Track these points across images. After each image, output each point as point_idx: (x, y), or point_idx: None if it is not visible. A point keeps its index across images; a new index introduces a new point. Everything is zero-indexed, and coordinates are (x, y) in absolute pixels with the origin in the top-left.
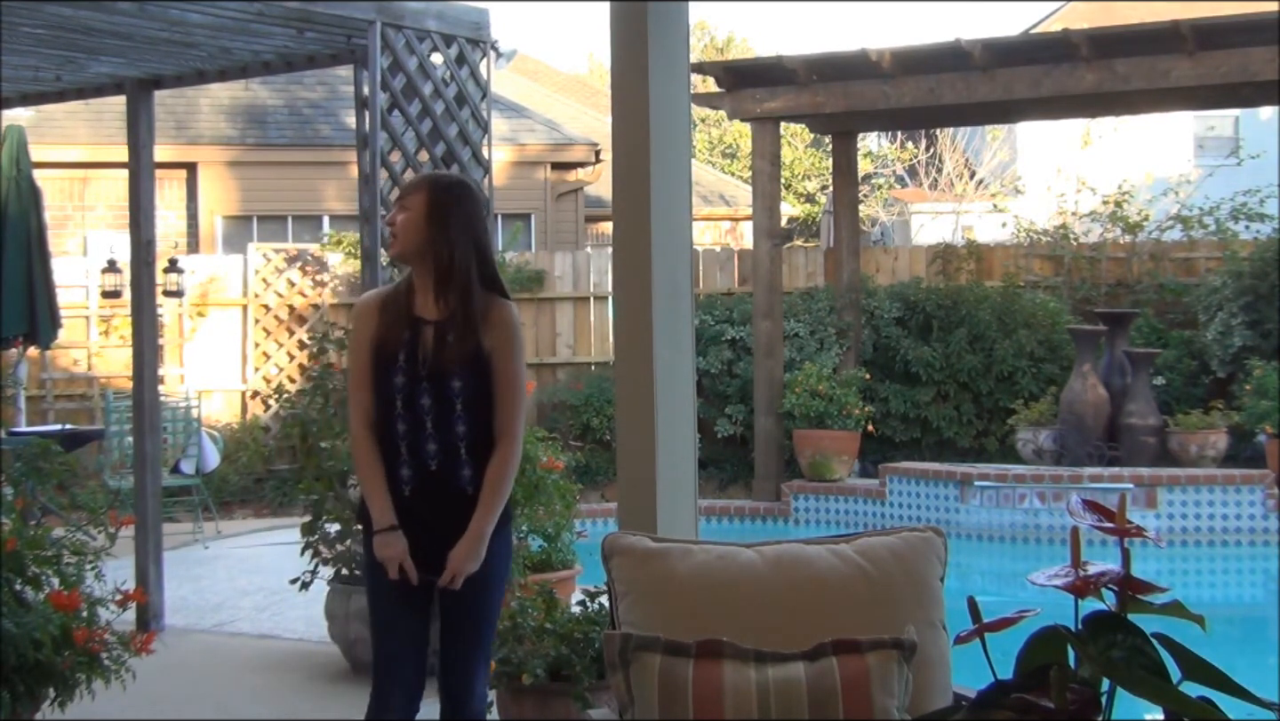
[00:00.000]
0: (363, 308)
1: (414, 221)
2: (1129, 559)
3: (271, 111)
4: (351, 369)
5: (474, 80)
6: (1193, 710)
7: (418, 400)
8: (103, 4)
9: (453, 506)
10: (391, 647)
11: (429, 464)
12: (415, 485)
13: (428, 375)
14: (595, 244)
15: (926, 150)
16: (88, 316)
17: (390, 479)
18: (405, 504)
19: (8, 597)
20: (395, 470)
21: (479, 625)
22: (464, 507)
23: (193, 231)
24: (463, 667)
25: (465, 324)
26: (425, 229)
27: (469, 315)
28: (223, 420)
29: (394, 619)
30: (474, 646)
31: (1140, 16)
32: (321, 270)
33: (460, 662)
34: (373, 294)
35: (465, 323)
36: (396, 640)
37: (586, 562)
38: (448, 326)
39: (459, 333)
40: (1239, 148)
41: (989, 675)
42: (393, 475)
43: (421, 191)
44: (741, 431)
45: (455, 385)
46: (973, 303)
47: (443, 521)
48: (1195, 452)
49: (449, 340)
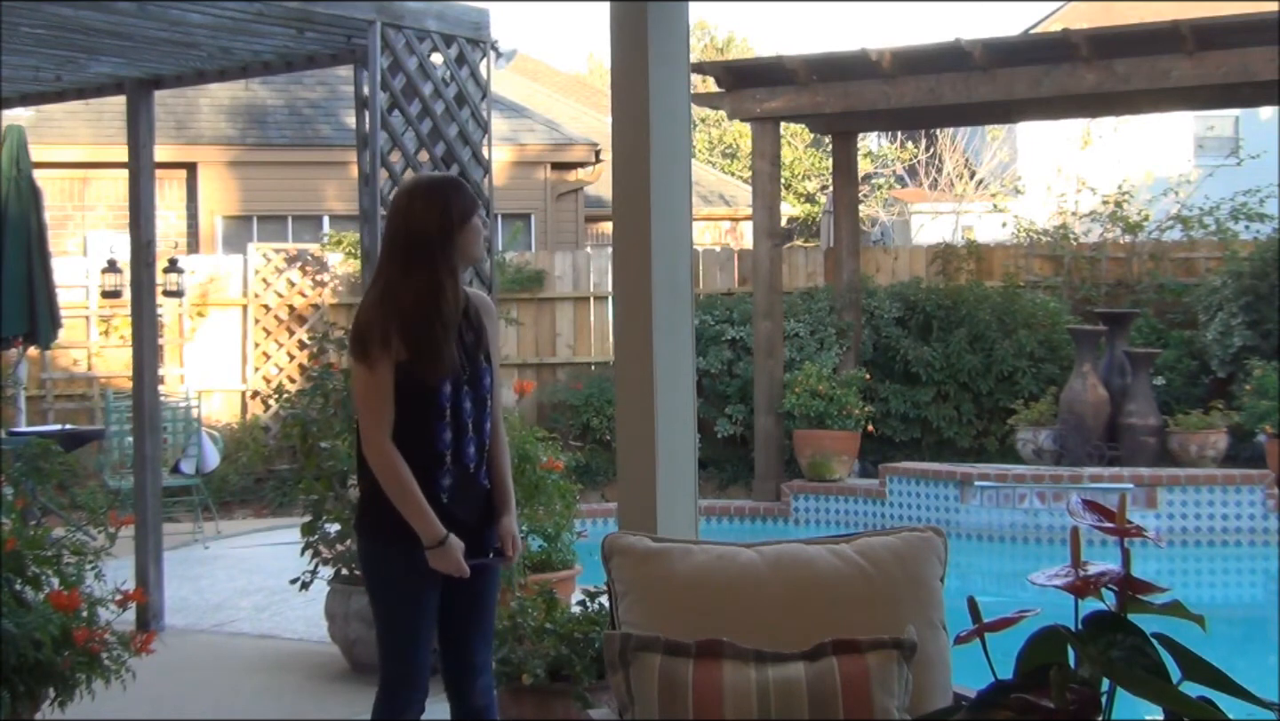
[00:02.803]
0: (372, 328)
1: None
2: (1129, 559)
3: (271, 111)
4: (377, 383)
5: (474, 80)
6: (1193, 710)
7: (462, 405)
8: (103, 4)
9: (479, 501)
10: (421, 657)
11: (469, 466)
12: (453, 490)
13: (468, 379)
14: (595, 244)
15: (926, 150)
16: (88, 316)
17: (429, 487)
18: (444, 510)
19: (8, 597)
20: (436, 479)
21: (492, 611)
22: (485, 499)
23: (193, 231)
24: (483, 659)
25: (472, 320)
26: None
27: (470, 310)
28: (223, 420)
29: (419, 626)
30: (490, 633)
31: (1140, 16)
32: (321, 270)
33: (482, 651)
34: (378, 307)
35: (471, 318)
36: (423, 649)
37: (586, 562)
38: (464, 326)
39: (475, 329)
40: (1239, 148)
41: (989, 675)
42: (433, 484)
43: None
44: (741, 431)
45: (486, 383)
46: (973, 303)
47: (471, 516)
48: (1195, 452)
49: (467, 339)
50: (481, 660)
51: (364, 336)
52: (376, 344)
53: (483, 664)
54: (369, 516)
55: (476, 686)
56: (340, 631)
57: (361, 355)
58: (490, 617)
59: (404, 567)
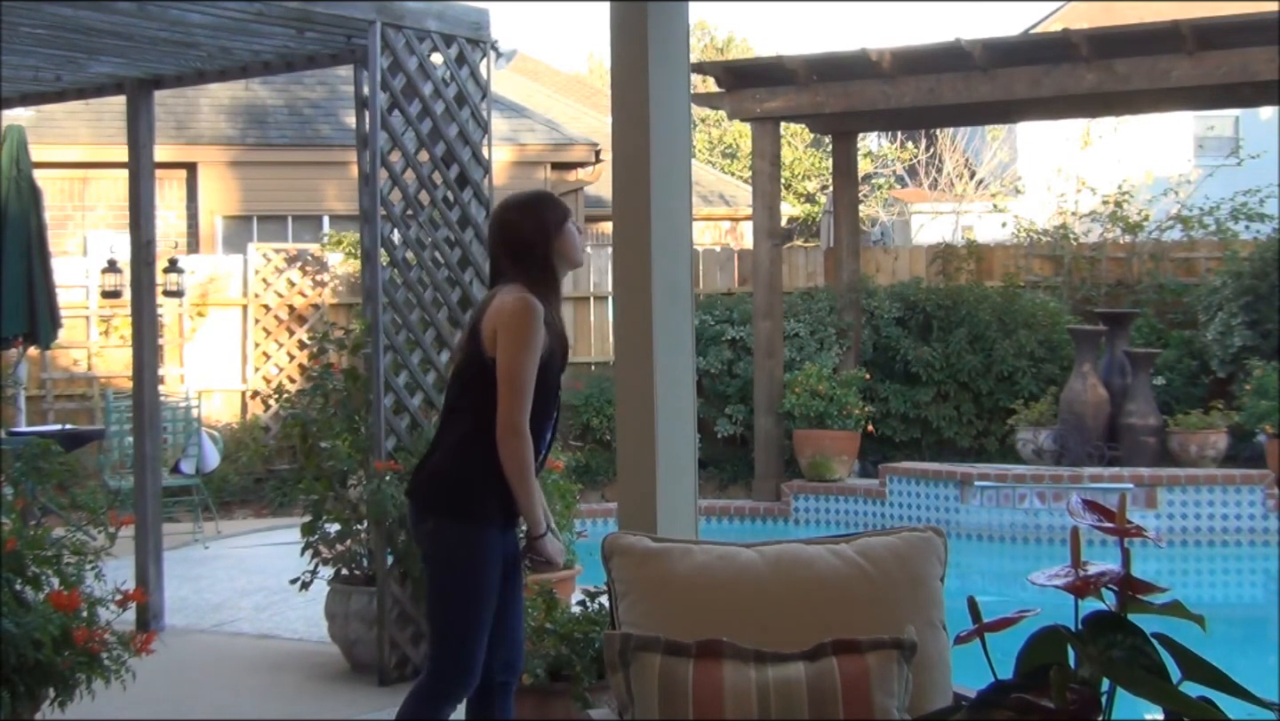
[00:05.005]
0: (540, 312)
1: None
2: (1129, 559)
3: (271, 111)
4: (530, 370)
5: (474, 80)
6: (1193, 710)
7: (555, 401)
8: (103, 4)
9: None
10: (484, 644)
11: (544, 461)
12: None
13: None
14: (595, 244)
15: (926, 150)
16: (88, 316)
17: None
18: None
19: (8, 597)
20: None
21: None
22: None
23: (193, 231)
24: (521, 628)
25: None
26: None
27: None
28: (223, 420)
29: (489, 615)
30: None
31: (1140, 16)
32: (321, 270)
33: (520, 624)
34: (533, 298)
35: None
36: (486, 637)
37: (586, 562)
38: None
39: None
40: (1239, 148)
41: (989, 675)
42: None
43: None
44: (741, 431)
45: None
46: (973, 303)
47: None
48: (1195, 452)
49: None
50: (521, 654)
51: (535, 316)
52: (541, 330)
53: (521, 657)
54: (455, 495)
55: (515, 672)
56: (340, 631)
57: (529, 337)
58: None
59: (490, 553)
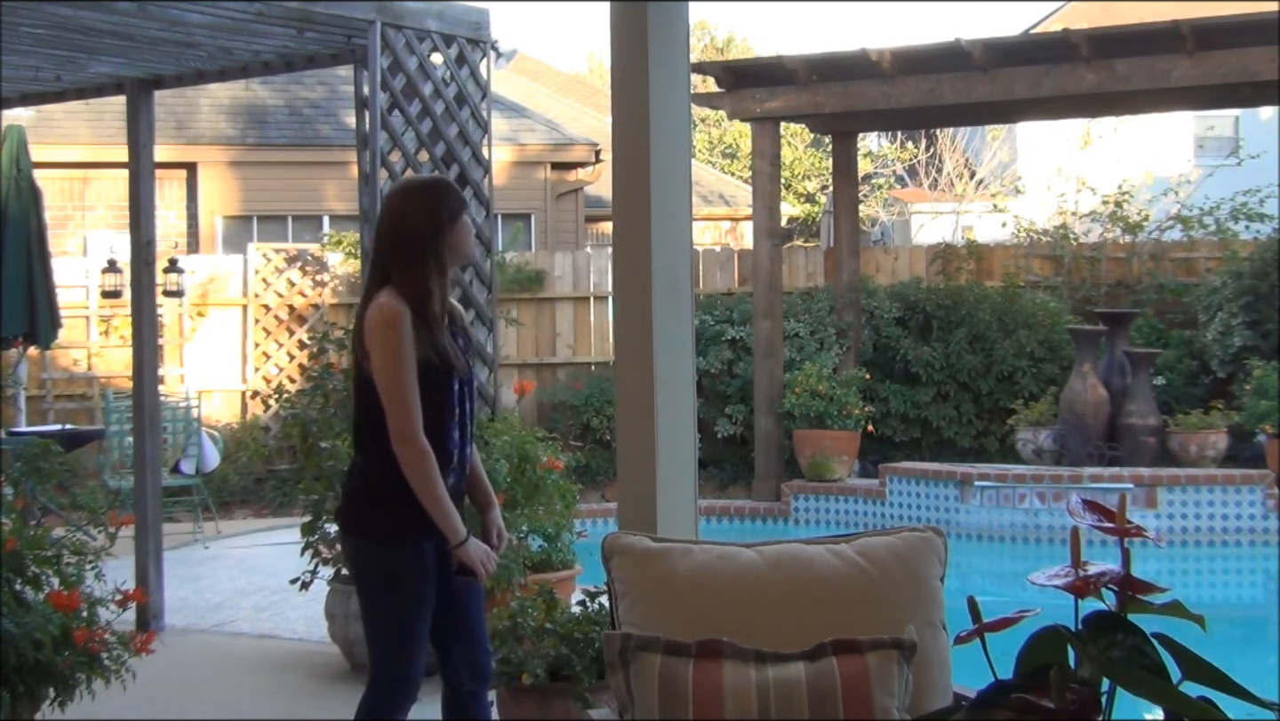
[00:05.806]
0: (404, 316)
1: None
2: (1129, 559)
3: (271, 111)
4: (407, 378)
5: (474, 80)
6: (1193, 710)
7: (465, 405)
8: (103, 4)
9: (460, 498)
10: (421, 657)
11: (465, 466)
12: (453, 489)
13: (467, 381)
14: (595, 244)
15: (926, 150)
16: (88, 316)
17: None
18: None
19: (8, 597)
20: (444, 478)
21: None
22: (462, 497)
23: (193, 231)
24: (483, 632)
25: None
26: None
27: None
28: (223, 420)
29: (424, 627)
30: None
31: (1140, 16)
32: (321, 270)
33: (482, 629)
34: (399, 301)
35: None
36: (423, 648)
37: (586, 562)
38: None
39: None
40: (1239, 148)
41: (989, 675)
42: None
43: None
44: (741, 431)
45: (475, 384)
46: (973, 303)
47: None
48: (1195, 452)
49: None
50: (487, 659)
51: (396, 325)
52: (408, 335)
53: (488, 662)
54: (367, 515)
55: (489, 659)
56: (340, 631)
57: (395, 346)
58: (482, 612)
59: (411, 569)
